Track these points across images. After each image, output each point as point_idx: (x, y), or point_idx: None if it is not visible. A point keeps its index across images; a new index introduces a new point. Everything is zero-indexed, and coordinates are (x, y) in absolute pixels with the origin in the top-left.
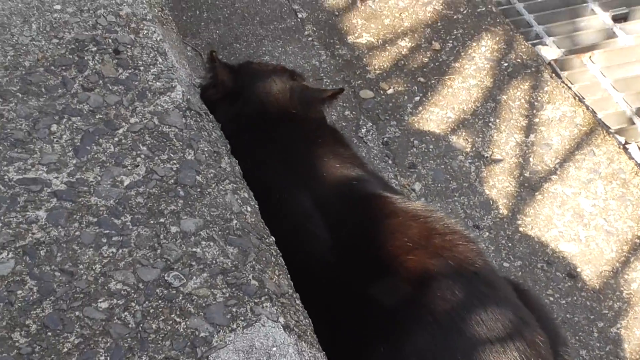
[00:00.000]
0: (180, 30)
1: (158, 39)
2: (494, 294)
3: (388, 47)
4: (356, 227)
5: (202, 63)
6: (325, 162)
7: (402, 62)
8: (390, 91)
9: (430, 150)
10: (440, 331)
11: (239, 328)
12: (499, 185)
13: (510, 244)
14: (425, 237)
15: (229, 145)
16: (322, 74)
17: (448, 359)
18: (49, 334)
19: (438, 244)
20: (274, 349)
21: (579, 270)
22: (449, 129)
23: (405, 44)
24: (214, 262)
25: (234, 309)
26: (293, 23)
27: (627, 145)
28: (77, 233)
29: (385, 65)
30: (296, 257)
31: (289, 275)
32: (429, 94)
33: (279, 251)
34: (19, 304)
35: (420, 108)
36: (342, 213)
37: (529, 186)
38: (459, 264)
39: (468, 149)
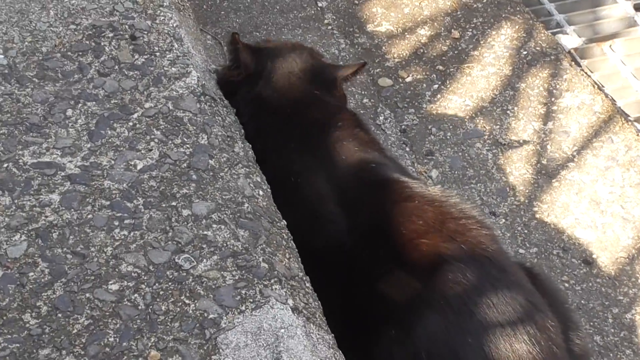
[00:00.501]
0: (199, 19)
1: (174, 25)
2: (506, 278)
3: (407, 36)
4: (372, 210)
5: (222, 52)
6: (344, 145)
7: (421, 51)
8: (408, 79)
9: (448, 137)
10: (451, 314)
11: (247, 310)
12: (515, 173)
13: (526, 231)
14: (440, 221)
15: (243, 130)
16: (341, 62)
17: (459, 342)
18: (59, 315)
19: (452, 228)
20: (282, 330)
21: (594, 256)
22: (467, 117)
23: (424, 32)
24: (225, 244)
25: (243, 291)
26: (313, 12)
27: None
28: (90, 216)
29: (404, 54)
30: (312, 239)
31: (299, 259)
32: (448, 82)
33: (290, 235)
34: (31, 286)
35: (439, 96)
36: (359, 196)
37: (546, 173)
38: (471, 248)
39: (485, 137)
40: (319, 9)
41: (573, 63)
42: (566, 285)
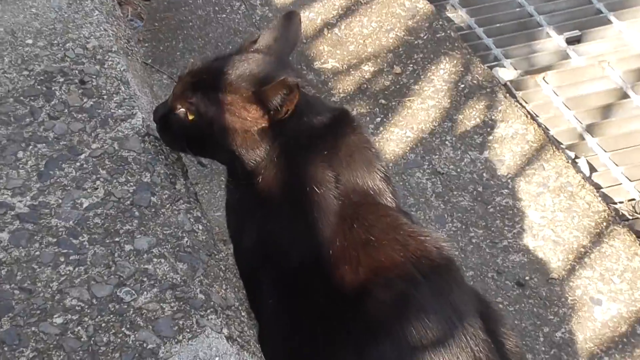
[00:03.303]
0: (156, 59)
1: (122, 69)
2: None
3: (352, 72)
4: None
5: None
6: None
7: (365, 86)
8: (353, 113)
9: (390, 167)
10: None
11: (184, 339)
12: (453, 200)
13: (463, 255)
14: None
15: (185, 168)
16: None
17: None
18: (6, 348)
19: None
20: (217, 358)
21: (527, 278)
22: (408, 148)
23: (368, 68)
24: (164, 277)
25: (181, 322)
26: None
27: (576, 160)
28: (37, 253)
29: (349, 89)
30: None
31: (236, 289)
32: (390, 115)
33: (227, 266)
34: None
35: (381, 128)
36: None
37: (481, 200)
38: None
39: (425, 166)
40: None
41: (508, 95)
42: (500, 306)
